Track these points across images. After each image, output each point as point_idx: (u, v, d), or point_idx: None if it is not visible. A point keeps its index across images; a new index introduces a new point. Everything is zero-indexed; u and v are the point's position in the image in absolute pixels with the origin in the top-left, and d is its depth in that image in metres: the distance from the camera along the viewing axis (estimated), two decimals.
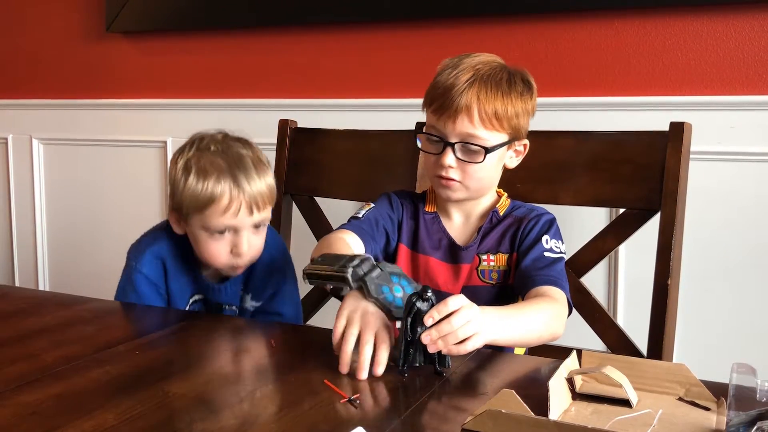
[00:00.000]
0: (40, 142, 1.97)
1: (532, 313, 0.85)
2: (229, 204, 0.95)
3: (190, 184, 0.95)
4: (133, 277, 1.01)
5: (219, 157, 0.96)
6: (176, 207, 0.99)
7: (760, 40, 1.28)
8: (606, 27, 1.38)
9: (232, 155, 0.97)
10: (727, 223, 1.31)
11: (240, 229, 0.97)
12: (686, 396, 0.66)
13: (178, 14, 1.72)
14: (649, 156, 1.04)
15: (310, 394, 0.67)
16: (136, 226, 1.13)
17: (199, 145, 0.99)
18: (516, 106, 0.94)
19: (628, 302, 1.37)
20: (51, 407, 0.64)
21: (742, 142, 1.29)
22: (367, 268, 0.76)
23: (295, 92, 1.65)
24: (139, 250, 1.04)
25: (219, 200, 0.94)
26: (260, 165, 0.98)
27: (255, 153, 1.00)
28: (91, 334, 0.86)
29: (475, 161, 0.93)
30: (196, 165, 0.96)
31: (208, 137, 1.00)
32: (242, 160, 0.97)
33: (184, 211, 0.98)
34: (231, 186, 0.95)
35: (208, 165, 0.96)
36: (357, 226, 0.97)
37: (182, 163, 0.98)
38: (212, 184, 0.94)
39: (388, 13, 1.51)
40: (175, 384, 0.69)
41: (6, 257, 2.05)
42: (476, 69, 0.93)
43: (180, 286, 1.04)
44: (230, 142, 1.00)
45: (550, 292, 0.89)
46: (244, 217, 0.96)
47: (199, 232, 0.98)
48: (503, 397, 0.58)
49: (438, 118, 0.93)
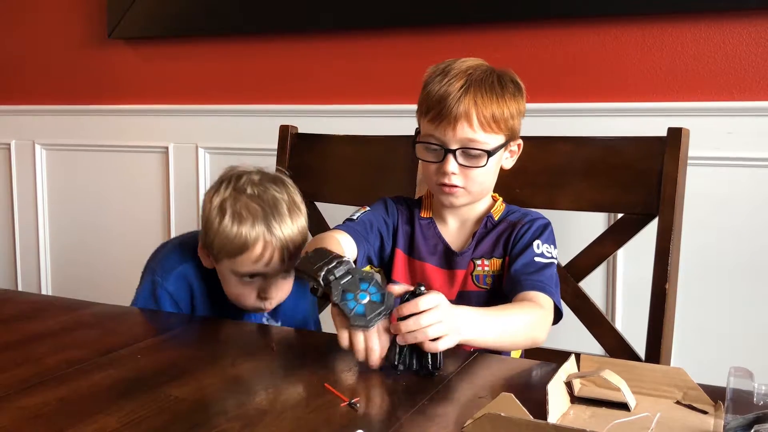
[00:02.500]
0: (42, 147, 1.98)
1: (512, 316, 0.85)
2: (262, 252, 0.93)
3: (224, 227, 0.93)
4: (158, 293, 0.99)
5: (255, 201, 0.94)
6: (207, 245, 0.97)
7: (757, 46, 1.29)
8: (604, 33, 1.39)
9: (268, 200, 0.95)
10: (724, 227, 1.31)
11: (270, 275, 0.96)
12: (684, 399, 0.66)
13: (179, 21, 1.73)
14: (647, 161, 1.04)
15: (311, 397, 0.67)
16: (138, 231, 1.14)
17: (236, 185, 0.96)
18: (510, 107, 0.95)
19: (626, 306, 1.38)
20: (54, 411, 0.64)
21: (739, 148, 1.30)
22: (340, 273, 0.76)
23: (296, 98, 1.66)
24: (165, 267, 1.01)
25: (252, 248, 0.93)
26: (294, 210, 0.96)
27: (291, 195, 0.98)
28: (93, 338, 0.86)
29: (477, 165, 0.94)
30: (231, 207, 0.94)
31: (245, 177, 0.97)
32: (278, 204, 0.95)
33: (215, 252, 0.96)
34: (265, 233, 0.93)
35: (243, 209, 0.93)
36: (351, 228, 0.97)
37: (217, 202, 0.95)
38: (246, 231, 0.92)
39: (388, 20, 1.53)
40: (178, 388, 0.70)
41: (9, 262, 2.05)
42: (468, 74, 0.94)
43: (204, 311, 1.02)
44: (267, 184, 0.97)
45: (537, 297, 0.89)
46: (276, 264, 0.95)
47: (228, 275, 0.97)
48: (502, 401, 0.58)
49: (436, 126, 0.94)
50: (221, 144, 1.75)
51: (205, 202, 0.98)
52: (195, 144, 1.77)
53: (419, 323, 0.72)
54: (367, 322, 0.73)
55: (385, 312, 0.74)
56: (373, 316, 0.73)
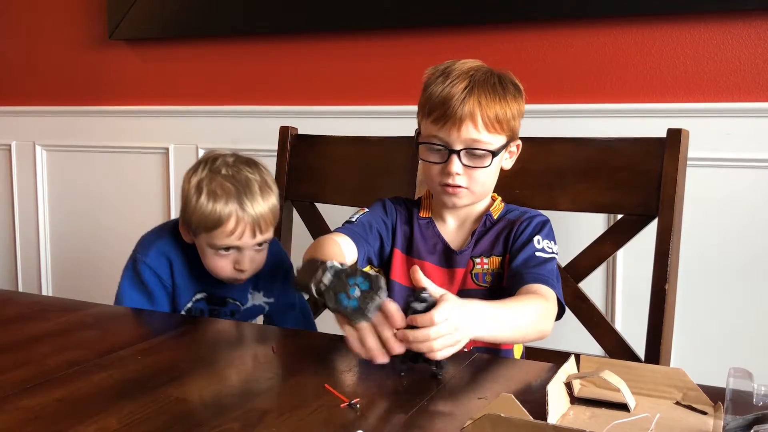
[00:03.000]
0: (43, 148, 1.98)
1: (520, 309, 0.85)
2: (234, 227, 1.01)
3: (201, 204, 1.01)
4: (139, 267, 1.06)
5: (228, 180, 1.02)
6: (186, 222, 1.05)
7: (756, 47, 1.29)
8: (604, 35, 1.39)
9: (241, 179, 1.03)
10: (723, 228, 1.32)
11: (243, 248, 1.03)
12: (683, 400, 0.66)
13: (179, 22, 1.74)
14: (646, 162, 1.04)
15: (311, 399, 0.67)
16: (139, 232, 1.14)
17: (212, 166, 1.05)
18: (512, 108, 0.96)
19: (625, 307, 1.38)
20: (54, 412, 0.64)
21: (738, 149, 1.30)
22: (327, 279, 0.76)
23: (296, 99, 1.67)
24: (144, 245, 1.09)
25: (225, 223, 1.01)
26: (266, 189, 1.04)
27: (262, 176, 1.06)
28: (93, 339, 0.86)
29: (482, 165, 0.95)
30: (207, 187, 1.02)
31: (221, 159, 1.06)
32: (249, 184, 1.03)
33: (193, 227, 1.04)
34: (237, 210, 1.01)
35: (218, 188, 1.02)
36: (350, 230, 0.98)
37: (195, 182, 1.04)
38: (220, 208, 1.00)
39: (387, 21, 1.53)
40: (178, 388, 0.70)
41: (9, 262, 2.05)
42: (470, 76, 0.95)
43: (185, 282, 1.08)
44: (240, 165, 1.05)
45: (540, 290, 0.89)
46: (248, 238, 1.02)
47: (206, 247, 1.04)
48: (502, 402, 0.58)
49: (441, 127, 0.94)
50: (221, 145, 1.73)
51: (184, 182, 1.06)
52: (195, 145, 1.78)
53: (428, 335, 0.71)
54: (365, 313, 0.73)
55: (378, 294, 0.73)
56: (369, 305, 0.73)
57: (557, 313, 0.91)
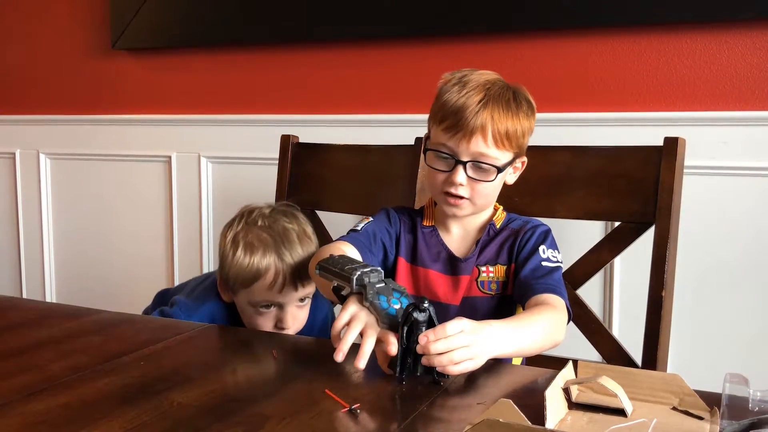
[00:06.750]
0: (47, 156, 2.00)
1: (534, 323, 0.86)
2: (274, 279, 0.97)
3: (237, 258, 0.98)
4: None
5: (265, 231, 0.99)
6: (224, 279, 1.02)
7: (752, 57, 1.31)
8: (601, 44, 1.40)
9: (278, 230, 1.00)
10: (720, 236, 1.33)
11: (285, 304, 1.00)
12: (680, 406, 0.67)
13: (182, 32, 1.75)
14: (643, 170, 1.05)
15: (312, 404, 0.68)
16: (142, 240, 1.15)
17: (248, 219, 1.02)
18: (523, 125, 0.96)
19: (623, 314, 1.39)
20: (58, 417, 0.65)
21: (734, 157, 1.31)
22: (373, 279, 0.78)
23: (297, 108, 1.68)
24: (191, 306, 1.04)
25: (264, 276, 0.97)
26: (305, 238, 1.01)
27: (300, 225, 1.03)
28: (97, 345, 0.87)
29: (486, 180, 0.95)
30: (243, 240, 0.99)
31: (257, 211, 1.03)
32: (287, 234, 1.00)
33: (231, 284, 1.01)
34: (276, 261, 0.97)
35: (254, 240, 0.98)
36: (355, 239, 0.98)
37: (231, 237, 1.01)
38: (257, 260, 0.97)
39: (388, 30, 1.54)
40: (180, 394, 0.70)
41: (14, 270, 2.06)
42: (487, 89, 0.94)
43: None
44: (277, 216, 1.02)
45: (550, 299, 0.90)
46: (289, 292, 0.98)
47: (246, 306, 1.01)
48: (501, 407, 0.59)
49: (451, 137, 0.94)
50: (223, 153, 1.76)
51: (221, 238, 1.03)
52: (198, 153, 1.79)
53: (449, 345, 0.72)
54: (397, 326, 0.74)
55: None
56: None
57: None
